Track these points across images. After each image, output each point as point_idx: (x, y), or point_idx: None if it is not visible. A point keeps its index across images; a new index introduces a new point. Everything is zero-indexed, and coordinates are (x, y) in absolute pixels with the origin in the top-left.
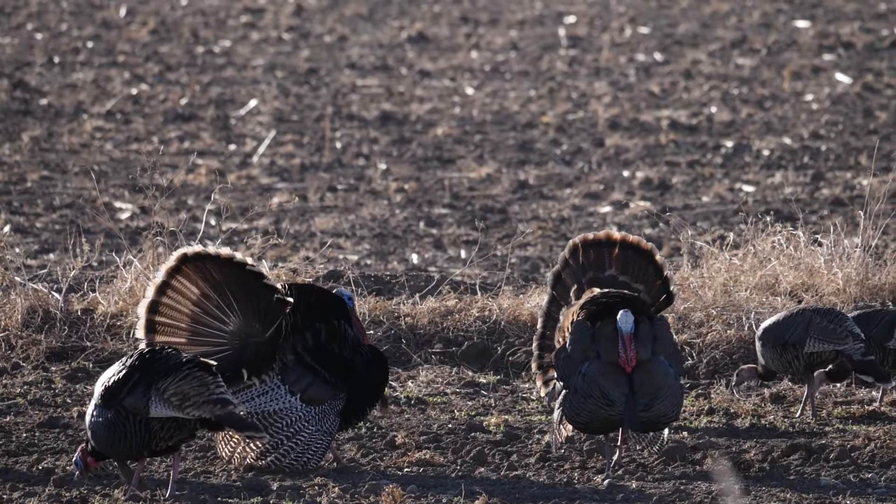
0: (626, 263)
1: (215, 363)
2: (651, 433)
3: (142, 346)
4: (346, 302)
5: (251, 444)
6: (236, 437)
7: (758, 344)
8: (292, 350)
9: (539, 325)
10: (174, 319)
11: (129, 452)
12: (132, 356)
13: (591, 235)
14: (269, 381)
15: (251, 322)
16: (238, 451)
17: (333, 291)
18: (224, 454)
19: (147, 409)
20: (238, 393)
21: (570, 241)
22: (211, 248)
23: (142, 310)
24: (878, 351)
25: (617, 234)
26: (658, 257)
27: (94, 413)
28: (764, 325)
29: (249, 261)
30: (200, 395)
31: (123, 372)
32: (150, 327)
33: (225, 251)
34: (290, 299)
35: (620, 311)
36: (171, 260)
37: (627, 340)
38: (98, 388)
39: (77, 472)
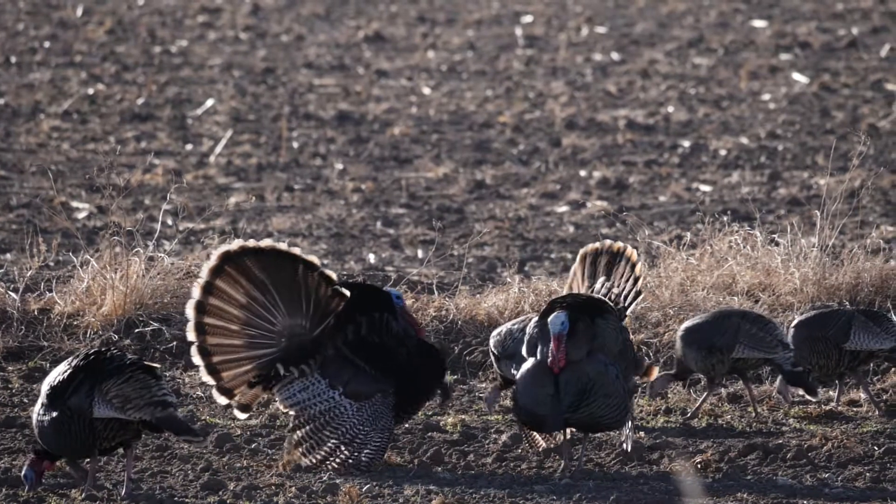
0: (610, 268)
1: (159, 366)
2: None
3: (192, 349)
4: (394, 300)
5: (317, 454)
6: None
7: (679, 343)
8: (333, 345)
9: None
10: (224, 320)
11: (75, 451)
12: (78, 356)
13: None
14: (308, 371)
15: (297, 319)
16: (321, 457)
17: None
18: (308, 462)
19: (91, 410)
20: (282, 389)
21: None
22: (251, 242)
23: (190, 311)
24: (834, 352)
25: (618, 245)
26: (637, 261)
27: (41, 412)
28: (687, 325)
29: (297, 251)
30: (142, 397)
31: (68, 372)
32: (200, 328)
33: (266, 243)
34: (346, 291)
35: (554, 313)
36: (214, 259)
37: (554, 341)
38: (44, 387)
39: (27, 487)
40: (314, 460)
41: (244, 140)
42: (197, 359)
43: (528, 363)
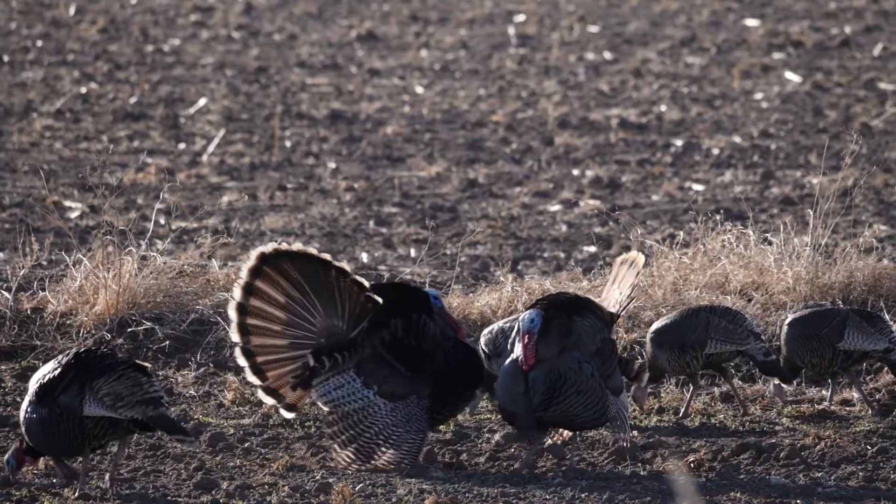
0: (623, 273)
1: (150, 365)
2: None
3: (236, 350)
4: (432, 300)
5: (349, 452)
6: (354, 448)
7: (650, 345)
8: (370, 344)
9: None
10: (266, 321)
11: (63, 450)
12: (68, 354)
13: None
14: (340, 363)
15: (334, 320)
16: (353, 455)
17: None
18: (341, 461)
19: (81, 408)
20: (319, 386)
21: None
22: (284, 245)
23: (232, 312)
24: (827, 351)
25: (634, 254)
26: (640, 269)
27: (29, 410)
28: (656, 326)
29: (327, 256)
30: (133, 395)
31: (58, 370)
32: (243, 329)
33: (297, 246)
34: (379, 298)
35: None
36: (252, 259)
37: (522, 338)
38: (33, 384)
39: (8, 470)
40: (347, 458)
41: (237, 139)
42: (241, 360)
43: (507, 361)
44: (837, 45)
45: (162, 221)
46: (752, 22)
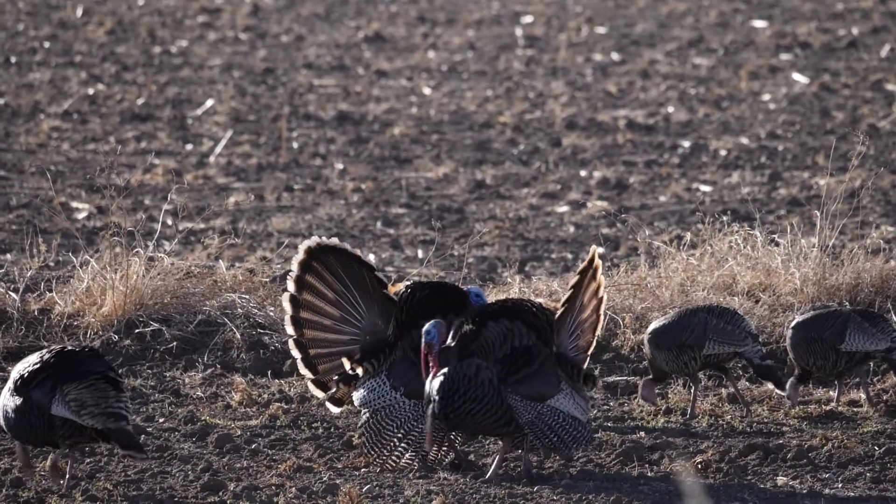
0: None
1: (124, 380)
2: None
3: (290, 342)
4: (473, 298)
5: (374, 449)
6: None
7: (648, 346)
8: (401, 347)
9: None
10: (318, 314)
11: (34, 441)
12: (51, 351)
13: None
14: (371, 371)
15: (374, 317)
16: (378, 450)
17: (465, 288)
18: (368, 455)
19: (49, 406)
20: (356, 389)
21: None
22: (324, 239)
23: (286, 304)
24: (831, 353)
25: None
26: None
27: (6, 397)
28: (654, 326)
29: (358, 252)
30: (97, 405)
31: (38, 365)
32: (297, 322)
33: (334, 241)
34: (393, 295)
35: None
36: (301, 253)
37: (423, 348)
38: (14, 373)
39: None
40: (373, 453)
41: (244, 140)
42: (295, 352)
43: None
44: (845, 46)
45: (169, 222)
46: (759, 23)
